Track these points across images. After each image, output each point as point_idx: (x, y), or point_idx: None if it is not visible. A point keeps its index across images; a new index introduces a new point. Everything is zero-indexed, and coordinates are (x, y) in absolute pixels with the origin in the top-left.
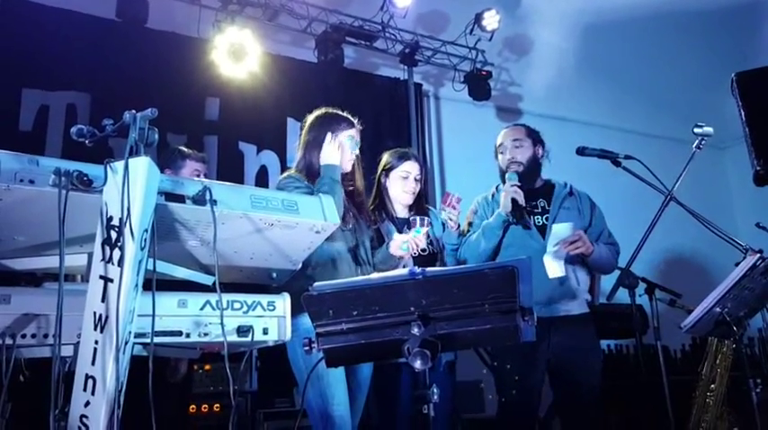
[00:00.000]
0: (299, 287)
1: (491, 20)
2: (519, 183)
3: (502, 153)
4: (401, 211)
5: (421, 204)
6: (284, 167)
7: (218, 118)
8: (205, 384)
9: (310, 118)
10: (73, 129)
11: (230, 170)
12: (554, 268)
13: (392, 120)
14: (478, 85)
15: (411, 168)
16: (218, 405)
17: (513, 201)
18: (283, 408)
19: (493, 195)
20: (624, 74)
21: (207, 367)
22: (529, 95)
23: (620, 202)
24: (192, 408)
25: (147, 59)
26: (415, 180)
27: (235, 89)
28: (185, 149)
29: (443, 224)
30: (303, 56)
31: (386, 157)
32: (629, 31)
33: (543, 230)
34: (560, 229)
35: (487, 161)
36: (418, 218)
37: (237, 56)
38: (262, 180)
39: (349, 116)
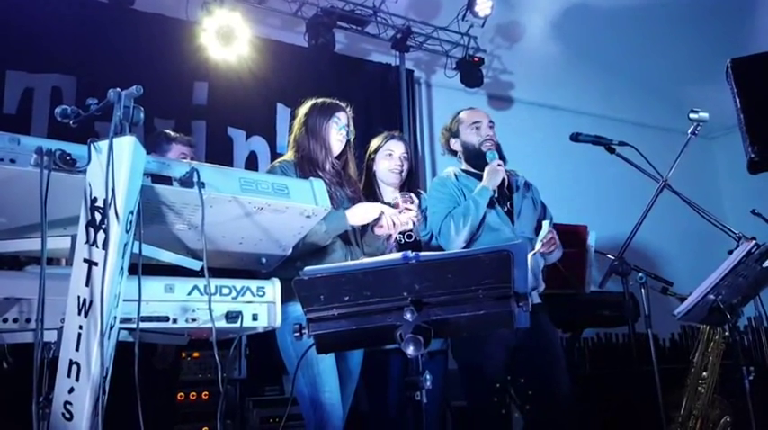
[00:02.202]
0: (289, 274)
1: (484, 6)
2: (502, 162)
3: (475, 129)
4: (389, 195)
5: (412, 189)
6: (274, 153)
7: (207, 102)
8: (193, 371)
9: (303, 107)
10: (57, 110)
11: (219, 156)
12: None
13: (383, 107)
14: (471, 72)
15: (395, 147)
16: (206, 392)
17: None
18: (272, 396)
19: (456, 176)
20: (615, 62)
21: (195, 354)
22: (520, 83)
23: (611, 190)
24: (180, 396)
25: (135, 42)
26: (402, 158)
27: (223, 73)
28: (171, 133)
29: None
30: (293, 40)
31: (373, 141)
32: (620, 20)
33: (510, 216)
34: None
35: None
36: (399, 195)
37: (226, 39)
38: (251, 166)
39: (340, 102)
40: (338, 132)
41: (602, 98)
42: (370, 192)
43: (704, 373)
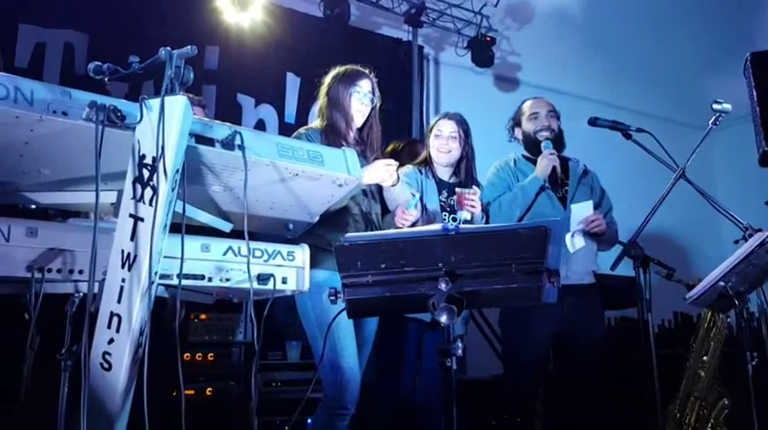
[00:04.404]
0: (312, 242)
1: None
2: (555, 152)
3: (534, 119)
4: (442, 173)
5: (468, 168)
6: (282, 122)
7: (218, 67)
8: (200, 333)
9: (328, 77)
10: (90, 66)
11: (227, 122)
12: (579, 242)
13: (394, 82)
14: (482, 52)
15: (443, 126)
16: (212, 354)
17: (553, 168)
18: (275, 361)
19: (515, 162)
20: (621, 51)
21: (203, 316)
22: (527, 66)
23: (614, 176)
24: (187, 356)
25: (148, 3)
26: (451, 138)
27: (235, 39)
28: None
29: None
30: (307, 9)
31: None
32: (629, 9)
33: (564, 202)
34: (582, 208)
35: (485, 129)
36: (460, 191)
37: (242, 4)
38: None
39: (363, 69)
40: (359, 102)
41: (607, 85)
42: (426, 165)
43: (704, 358)
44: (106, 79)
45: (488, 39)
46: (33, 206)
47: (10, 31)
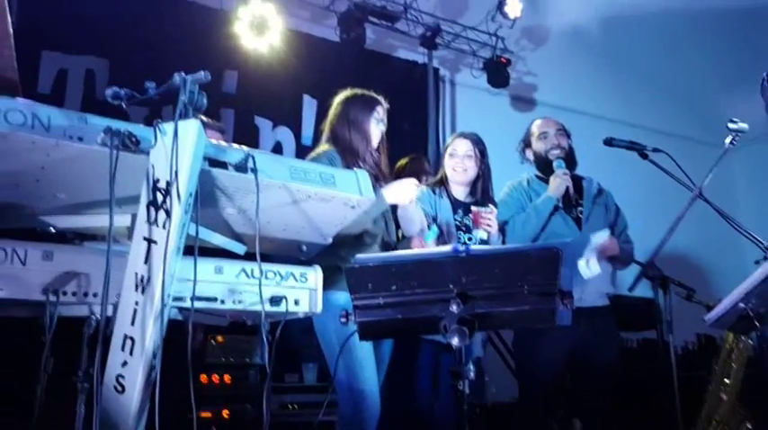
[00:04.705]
0: (333, 263)
1: (514, 7)
2: (568, 171)
3: (543, 139)
4: (458, 192)
5: (485, 188)
6: (299, 144)
7: (236, 91)
8: (217, 355)
9: (340, 97)
10: (108, 91)
11: (245, 144)
12: (594, 267)
13: (409, 104)
14: (497, 73)
15: (459, 145)
16: (228, 376)
17: (566, 188)
18: (291, 384)
19: (528, 182)
20: (638, 70)
21: (220, 338)
22: (544, 86)
23: (631, 196)
24: (204, 378)
25: (169, 29)
26: (466, 157)
27: (253, 63)
28: (204, 118)
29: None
30: (323, 33)
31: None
32: (645, 28)
33: (578, 222)
34: (598, 237)
35: (501, 149)
36: (476, 209)
37: (259, 29)
38: None
39: (378, 96)
40: (376, 126)
41: (624, 104)
42: (442, 186)
43: (726, 380)
44: (123, 104)
45: (504, 60)
46: (53, 230)
47: (33, 58)
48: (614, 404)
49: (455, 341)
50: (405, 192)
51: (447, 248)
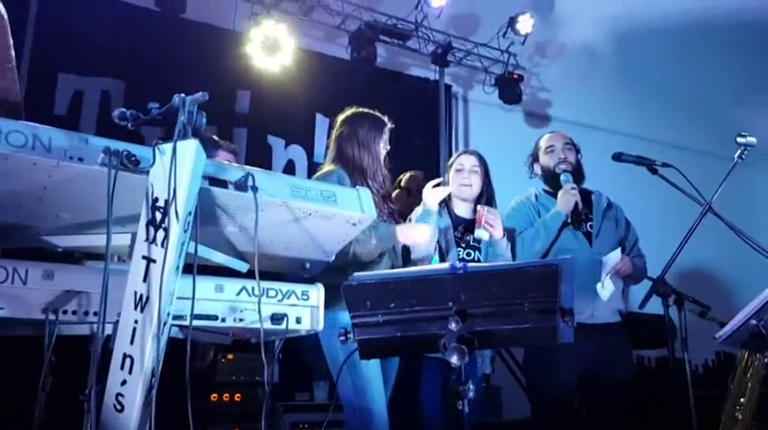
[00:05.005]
0: (332, 281)
1: (525, 23)
2: (576, 186)
3: (550, 152)
4: (462, 209)
5: (488, 205)
6: (311, 162)
7: (249, 111)
8: (227, 373)
9: (346, 116)
10: (115, 113)
11: (258, 163)
12: (608, 286)
13: (421, 121)
14: (509, 89)
15: (464, 160)
16: (239, 394)
17: (575, 203)
18: (303, 402)
19: (536, 196)
20: (652, 84)
21: (230, 356)
22: (557, 101)
23: (646, 211)
24: (214, 397)
25: (183, 50)
26: (472, 172)
27: (266, 83)
28: (217, 139)
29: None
30: (335, 52)
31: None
32: (659, 42)
33: (588, 237)
34: (611, 257)
35: (515, 165)
36: (481, 208)
37: (271, 50)
38: (289, 174)
39: (383, 117)
40: (383, 148)
41: (638, 119)
42: (445, 204)
43: (742, 399)
44: (129, 125)
45: (516, 76)
46: (60, 249)
47: (49, 79)
48: (630, 422)
49: (454, 359)
50: (418, 240)
51: (445, 265)
